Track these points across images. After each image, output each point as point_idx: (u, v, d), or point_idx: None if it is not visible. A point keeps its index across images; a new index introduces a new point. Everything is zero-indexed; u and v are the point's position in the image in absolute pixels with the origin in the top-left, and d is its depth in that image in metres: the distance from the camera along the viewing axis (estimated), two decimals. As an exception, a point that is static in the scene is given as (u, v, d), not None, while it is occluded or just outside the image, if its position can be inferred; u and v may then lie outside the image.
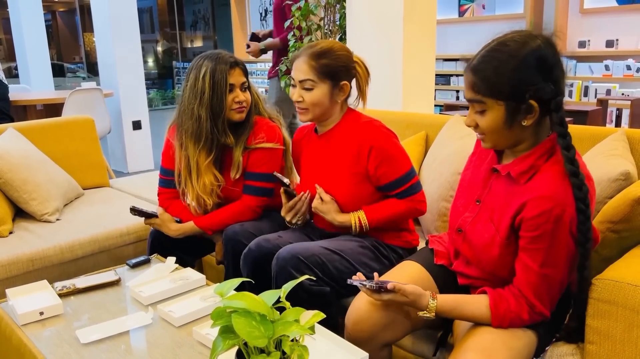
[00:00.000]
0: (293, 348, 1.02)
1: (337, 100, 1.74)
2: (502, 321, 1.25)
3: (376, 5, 2.96)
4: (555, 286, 1.23)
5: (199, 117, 1.86)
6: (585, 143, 1.81)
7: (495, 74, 1.17)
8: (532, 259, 1.21)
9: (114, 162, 5.43)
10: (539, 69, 1.17)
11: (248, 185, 1.97)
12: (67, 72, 12.93)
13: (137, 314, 1.54)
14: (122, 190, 2.92)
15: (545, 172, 1.21)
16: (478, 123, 1.24)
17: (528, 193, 1.20)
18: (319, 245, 1.65)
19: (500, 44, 1.20)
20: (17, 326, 1.51)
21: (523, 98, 1.17)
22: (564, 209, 1.15)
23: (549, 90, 1.17)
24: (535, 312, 1.24)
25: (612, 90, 6.02)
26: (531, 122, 1.20)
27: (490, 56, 1.19)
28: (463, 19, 7.04)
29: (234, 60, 1.89)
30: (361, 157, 1.71)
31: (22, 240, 2.17)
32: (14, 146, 2.45)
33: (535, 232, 1.19)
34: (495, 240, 1.29)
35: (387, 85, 2.99)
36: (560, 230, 1.17)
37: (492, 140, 1.26)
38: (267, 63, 10.45)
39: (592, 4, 6.11)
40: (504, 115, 1.20)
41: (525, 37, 1.19)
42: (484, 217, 1.33)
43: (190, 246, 2.06)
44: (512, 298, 1.25)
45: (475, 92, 1.21)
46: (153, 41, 13.38)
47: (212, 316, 1.04)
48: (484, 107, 1.21)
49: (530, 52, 1.16)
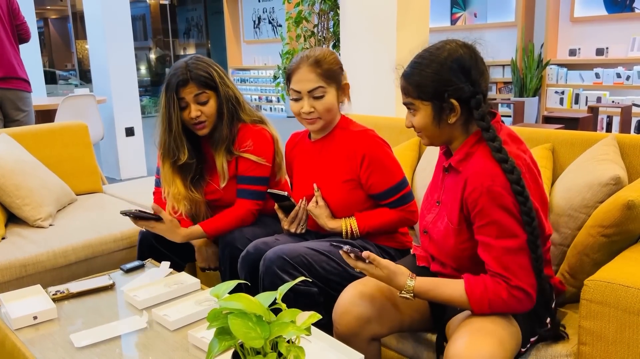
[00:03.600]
0: (289, 349, 1.02)
1: (341, 101, 1.78)
2: (481, 303, 1.25)
3: (370, 12, 2.98)
4: (521, 256, 1.24)
5: (160, 130, 1.94)
6: (576, 148, 1.83)
7: (420, 77, 1.32)
8: (486, 235, 1.27)
9: (107, 169, 5.42)
10: (456, 71, 1.29)
11: (243, 189, 1.96)
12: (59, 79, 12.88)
13: (131, 319, 1.53)
14: (115, 195, 2.91)
15: (477, 154, 1.32)
16: (413, 124, 1.38)
17: (464, 175, 1.31)
18: (306, 246, 1.66)
19: (424, 50, 1.35)
20: (11, 330, 1.50)
21: (444, 98, 1.30)
22: (492, 180, 1.24)
23: (467, 89, 1.29)
24: (513, 286, 1.24)
25: (602, 98, 6.08)
26: (455, 119, 1.32)
27: (416, 62, 1.34)
28: (455, 27, 7.10)
29: (184, 77, 1.86)
30: (354, 165, 1.74)
31: (14, 246, 2.16)
32: (7, 151, 2.44)
33: (477, 208, 1.26)
34: (449, 229, 1.37)
35: (380, 92, 3.01)
36: (497, 201, 1.23)
37: (427, 137, 1.39)
38: (263, 70, 10.50)
39: (582, 13, 6.19)
40: (431, 114, 1.33)
41: (445, 44, 1.33)
42: (442, 214, 1.41)
43: (181, 249, 2.06)
44: (488, 279, 1.27)
45: (406, 95, 1.36)
46: (146, 48, 13.37)
47: (209, 317, 1.04)
48: (414, 107, 1.35)
49: (447, 56, 1.30)
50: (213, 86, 1.90)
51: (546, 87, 6.50)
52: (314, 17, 3.51)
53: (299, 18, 3.40)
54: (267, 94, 10.40)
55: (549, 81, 6.47)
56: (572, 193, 1.59)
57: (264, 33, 10.48)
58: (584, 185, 1.57)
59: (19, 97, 3.63)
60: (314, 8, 3.50)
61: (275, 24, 10.17)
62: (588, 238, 1.45)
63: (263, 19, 10.43)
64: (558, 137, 1.89)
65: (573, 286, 1.50)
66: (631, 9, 5.83)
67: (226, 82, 1.95)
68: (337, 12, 3.48)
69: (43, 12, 13.21)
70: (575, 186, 1.60)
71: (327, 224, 1.75)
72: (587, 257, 1.46)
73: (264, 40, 10.47)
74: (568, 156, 1.84)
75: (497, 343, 1.20)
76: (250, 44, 10.81)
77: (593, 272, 1.32)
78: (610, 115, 5.78)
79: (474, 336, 1.21)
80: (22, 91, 3.64)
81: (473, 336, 1.21)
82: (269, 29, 10.36)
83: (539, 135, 1.93)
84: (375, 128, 2.56)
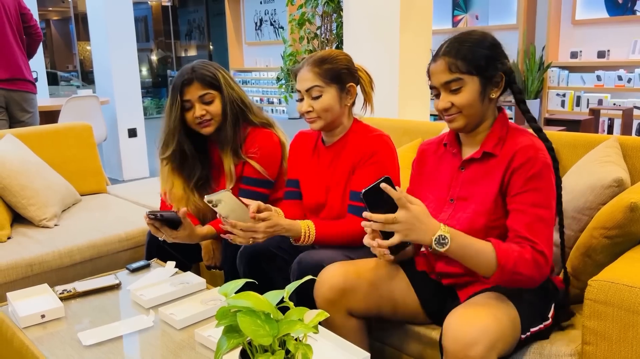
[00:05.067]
0: (297, 346, 1.04)
1: (346, 104, 1.75)
2: (507, 258, 1.26)
3: (373, 14, 3.00)
4: (549, 227, 1.32)
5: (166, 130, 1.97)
6: (579, 150, 1.84)
7: (471, 52, 1.36)
8: (522, 203, 1.32)
9: (109, 170, 5.43)
10: (499, 47, 1.41)
11: (247, 189, 1.97)
12: (61, 81, 12.90)
13: (138, 318, 1.55)
14: (119, 196, 2.93)
15: (514, 135, 1.41)
16: (454, 103, 1.39)
17: (510, 150, 1.37)
18: (342, 253, 1.65)
19: (465, 33, 1.41)
20: (19, 328, 1.51)
21: (495, 70, 1.38)
22: (544, 153, 1.35)
23: (509, 65, 1.41)
24: (537, 250, 1.28)
25: (603, 100, 6.09)
26: (498, 94, 1.41)
27: (462, 39, 1.39)
28: (456, 29, 7.11)
29: (189, 76, 1.89)
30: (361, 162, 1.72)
31: (20, 245, 2.18)
32: (13, 152, 2.46)
33: (527, 174, 1.32)
34: (478, 212, 1.39)
35: (383, 93, 3.02)
36: (545, 172, 1.32)
37: (466, 117, 1.40)
38: (264, 72, 10.52)
39: (583, 15, 6.20)
40: (478, 88, 1.38)
41: (473, 29, 1.44)
42: (461, 209, 1.44)
43: (188, 250, 2.07)
44: (513, 242, 1.31)
45: (453, 72, 1.37)
46: (148, 50, 13.39)
47: (217, 316, 1.06)
48: (460, 84, 1.37)
49: (487, 35, 1.41)
50: (217, 86, 1.92)
51: (547, 90, 6.51)
52: (317, 19, 3.53)
53: (302, 20, 3.42)
54: (269, 96, 10.42)
55: (550, 83, 6.48)
56: (575, 194, 1.60)
57: (265, 35, 10.50)
58: (586, 187, 1.58)
59: (25, 99, 3.65)
60: (317, 10, 3.52)
61: (277, 25, 10.19)
62: (591, 240, 1.46)
63: (265, 20, 10.45)
64: (560, 138, 1.90)
65: (576, 287, 1.51)
66: (632, 11, 5.85)
67: (231, 84, 1.97)
68: (340, 14, 3.50)
69: (45, 13, 13.23)
70: (577, 188, 1.61)
71: (284, 223, 1.62)
72: (589, 259, 1.47)
73: (265, 42, 10.48)
74: (570, 158, 1.84)
75: (492, 317, 1.23)
76: (252, 45, 10.83)
77: (595, 273, 1.33)
78: (611, 117, 5.79)
79: (470, 310, 1.26)
80: (28, 92, 3.66)
81: (469, 309, 1.26)
82: (270, 30, 10.38)
83: (542, 136, 1.94)
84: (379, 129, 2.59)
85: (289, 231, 1.63)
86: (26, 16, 3.64)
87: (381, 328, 1.67)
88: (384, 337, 1.68)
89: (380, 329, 1.68)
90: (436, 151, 1.58)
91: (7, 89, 3.55)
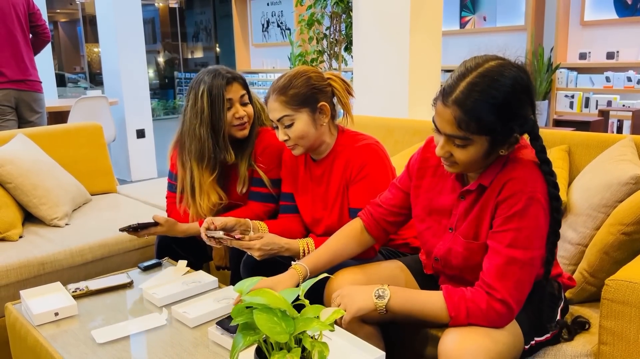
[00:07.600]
0: (314, 344, 1.03)
1: (321, 124, 1.67)
2: (458, 309, 1.22)
3: (383, 14, 2.99)
4: (524, 271, 1.20)
5: (201, 137, 1.84)
6: (592, 149, 1.84)
7: (489, 112, 1.14)
8: (499, 241, 1.22)
9: (118, 170, 5.45)
10: (524, 103, 1.18)
11: (255, 191, 1.96)
12: (68, 82, 12.97)
13: (151, 316, 1.55)
14: (129, 196, 2.93)
15: (512, 166, 1.24)
16: (454, 155, 1.22)
17: (501, 181, 1.24)
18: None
19: (482, 76, 1.16)
20: (33, 326, 1.51)
21: (511, 133, 1.19)
22: (534, 186, 1.20)
23: (531, 123, 1.21)
24: (497, 299, 1.19)
25: (613, 102, 6.06)
26: (509, 151, 1.23)
27: (482, 87, 1.15)
28: (464, 30, 7.10)
29: (231, 75, 1.85)
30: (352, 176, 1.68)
31: (32, 244, 2.18)
32: (24, 151, 2.47)
33: (508, 212, 1.21)
34: (473, 247, 1.31)
35: (393, 93, 3.02)
36: (530, 209, 1.19)
37: (463, 169, 1.26)
38: (271, 73, 10.53)
39: (592, 16, 6.17)
40: (486, 148, 1.20)
41: (501, 67, 1.17)
42: (458, 242, 1.35)
43: (198, 250, 2.07)
44: (468, 288, 1.24)
45: (461, 129, 1.17)
46: (155, 52, 13.44)
47: (233, 313, 1.05)
48: (467, 142, 1.18)
49: (514, 84, 1.15)
50: (248, 89, 1.91)
51: (556, 91, 6.48)
52: (326, 20, 3.53)
53: (311, 20, 3.42)
54: (276, 97, 10.41)
55: (559, 85, 6.45)
56: (590, 192, 1.60)
57: (272, 36, 10.51)
58: (603, 185, 1.57)
59: (34, 99, 3.67)
60: (326, 10, 3.52)
61: (284, 27, 10.20)
62: (608, 236, 1.45)
63: (272, 22, 10.46)
64: (574, 138, 1.90)
65: (593, 285, 1.50)
66: (642, 12, 5.82)
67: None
68: (349, 15, 3.49)
69: (53, 15, 13.31)
70: (593, 186, 1.60)
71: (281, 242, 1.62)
72: (607, 255, 1.46)
73: (272, 43, 10.49)
74: (584, 157, 1.84)
75: (488, 338, 1.19)
76: (259, 47, 10.85)
77: (613, 270, 1.32)
78: (620, 119, 5.75)
79: (464, 330, 1.21)
80: (36, 92, 3.68)
81: (463, 331, 1.21)
82: (277, 32, 10.39)
83: (555, 136, 1.94)
84: (389, 130, 2.58)
85: (288, 249, 1.63)
86: (35, 15, 3.66)
87: (396, 330, 1.66)
88: (400, 339, 1.67)
89: (396, 331, 1.66)
90: (438, 167, 1.43)
91: (17, 89, 3.57)
